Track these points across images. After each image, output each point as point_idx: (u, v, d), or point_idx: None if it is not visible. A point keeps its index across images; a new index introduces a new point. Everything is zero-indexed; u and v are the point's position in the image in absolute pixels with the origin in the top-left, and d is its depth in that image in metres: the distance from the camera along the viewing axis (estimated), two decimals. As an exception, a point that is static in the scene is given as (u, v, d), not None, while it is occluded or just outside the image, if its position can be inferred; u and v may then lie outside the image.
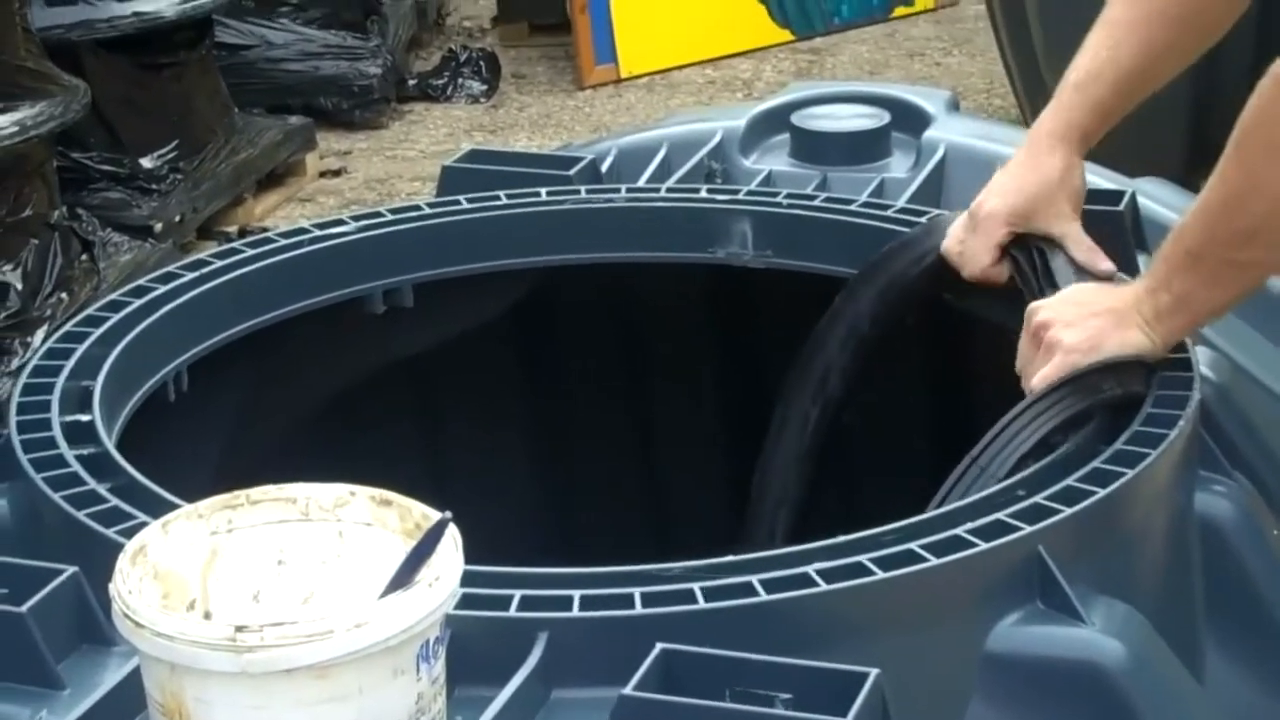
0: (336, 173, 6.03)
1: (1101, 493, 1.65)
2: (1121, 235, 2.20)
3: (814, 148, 2.48)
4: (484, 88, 6.69)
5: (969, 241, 2.10)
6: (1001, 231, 2.07)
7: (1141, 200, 2.26)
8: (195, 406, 2.10)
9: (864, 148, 2.50)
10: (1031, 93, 5.14)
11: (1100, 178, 2.42)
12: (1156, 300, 1.85)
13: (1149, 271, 1.90)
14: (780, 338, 2.34)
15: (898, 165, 2.48)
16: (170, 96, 5.32)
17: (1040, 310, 1.93)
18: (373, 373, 2.35)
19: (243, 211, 5.56)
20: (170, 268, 2.17)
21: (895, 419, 2.47)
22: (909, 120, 2.52)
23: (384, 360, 2.34)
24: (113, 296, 2.09)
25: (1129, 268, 2.12)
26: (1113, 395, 1.82)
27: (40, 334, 4.26)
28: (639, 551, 2.01)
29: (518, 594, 1.52)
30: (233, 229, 5.44)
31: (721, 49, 6.98)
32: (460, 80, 6.70)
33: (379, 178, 6.00)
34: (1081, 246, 2.06)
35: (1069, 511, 1.62)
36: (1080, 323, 1.88)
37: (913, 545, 1.57)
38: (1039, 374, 1.88)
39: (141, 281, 2.12)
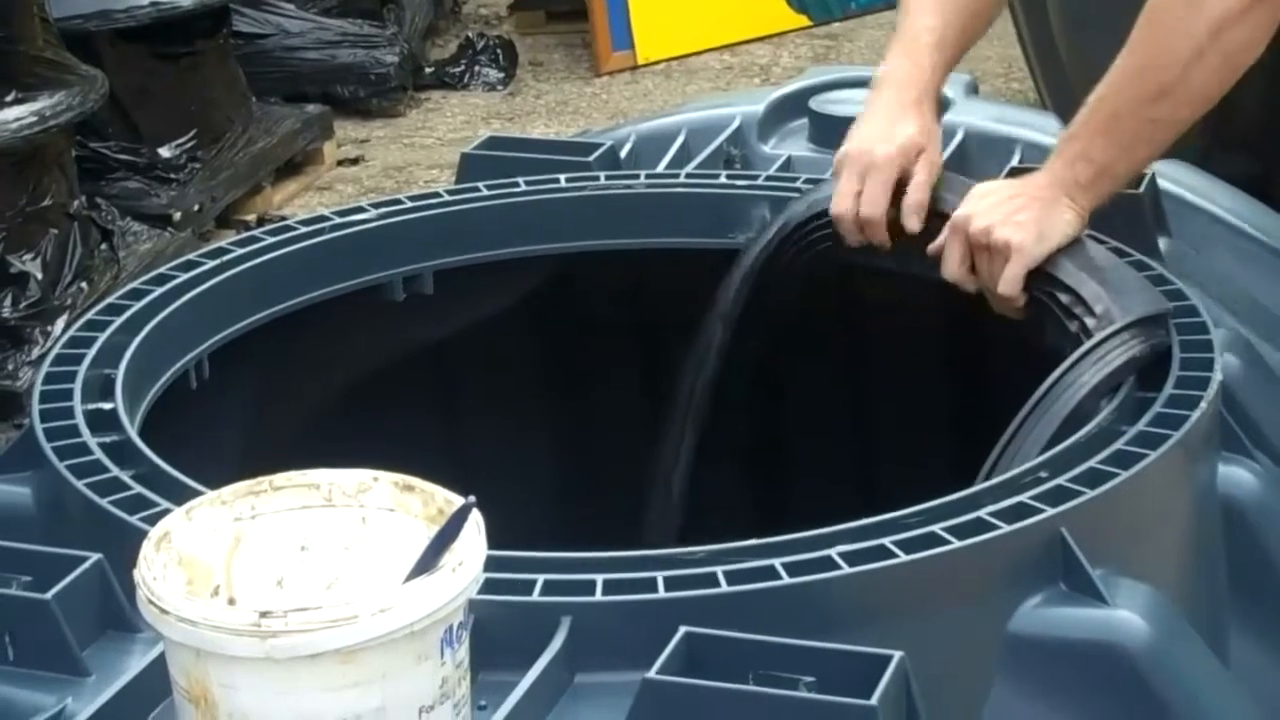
0: (354, 161, 6.03)
1: (1124, 475, 1.64)
2: (1141, 218, 2.20)
3: (833, 132, 2.47)
4: (501, 75, 6.68)
5: (864, 191, 2.13)
6: (894, 171, 2.13)
7: (1161, 183, 2.26)
8: (216, 394, 2.11)
9: (883, 132, 2.48)
10: (1049, 76, 5.13)
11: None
12: (1076, 172, 2.00)
13: (1056, 153, 2.03)
14: (809, 330, 2.35)
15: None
16: (188, 86, 5.33)
17: (972, 219, 2.02)
18: (393, 359, 2.35)
19: (261, 200, 5.57)
20: (190, 256, 2.17)
21: (913, 400, 2.48)
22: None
23: (404, 347, 2.34)
24: (134, 285, 2.09)
25: (1150, 251, 2.12)
26: (1161, 342, 1.85)
27: (60, 323, 4.26)
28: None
29: (541, 578, 1.52)
30: (251, 217, 5.44)
31: (739, 35, 6.97)
32: (477, 68, 6.70)
33: (397, 165, 6.00)
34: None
35: (1092, 493, 1.62)
36: (1015, 216, 1.99)
37: (935, 528, 1.57)
38: (1006, 276, 1.99)
39: (162, 270, 2.13)
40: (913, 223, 2.13)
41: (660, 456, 2.36)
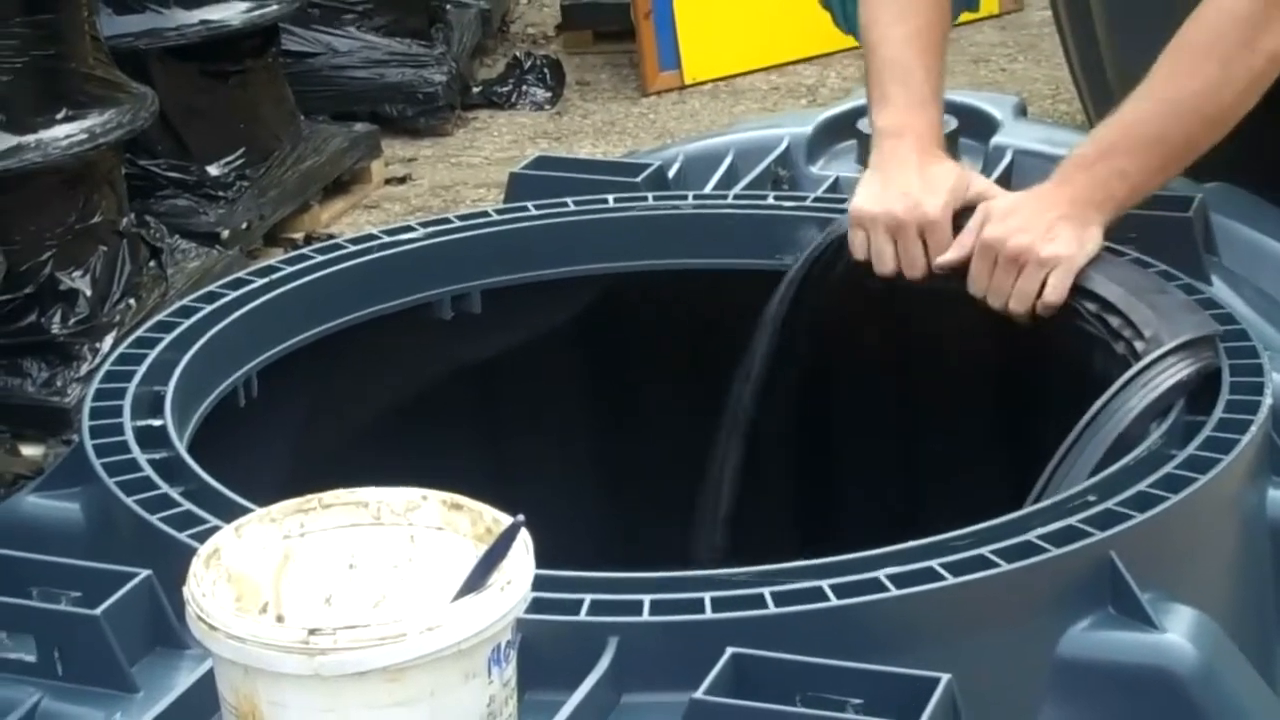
0: (402, 179, 6.04)
1: (1174, 498, 1.64)
2: (1190, 241, 2.19)
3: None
4: (548, 95, 6.69)
5: (922, 241, 2.12)
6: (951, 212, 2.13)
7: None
8: (265, 411, 2.11)
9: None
10: (1097, 98, 5.11)
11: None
12: (1111, 190, 2.03)
13: (1083, 167, 2.05)
14: (852, 339, 2.34)
15: (965, 170, 2.46)
16: (237, 104, 5.34)
17: (1007, 240, 2.03)
18: (440, 378, 2.35)
19: (309, 218, 5.58)
20: (240, 274, 2.18)
21: (960, 421, 2.47)
22: (976, 126, 2.51)
23: (452, 366, 2.35)
24: (183, 302, 2.10)
25: (1198, 273, 2.12)
26: (1210, 365, 1.85)
27: (109, 339, 4.28)
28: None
29: (588, 598, 1.52)
30: (299, 236, 5.46)
31: (785, 55, 6.97)
32: (524, 87, 6.71)
33: (444, 184, 6.01)
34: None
35: (1141, 517, 1.61)
36: (1051, 230, 2.02)
37: (984, 550, 1.56)
38: (1054, 284, 2.01)
39: (212, 287, 2.14)
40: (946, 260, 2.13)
41: (707, 473, 2.36)
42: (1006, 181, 2.39)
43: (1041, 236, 2.03)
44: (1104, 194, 2.05)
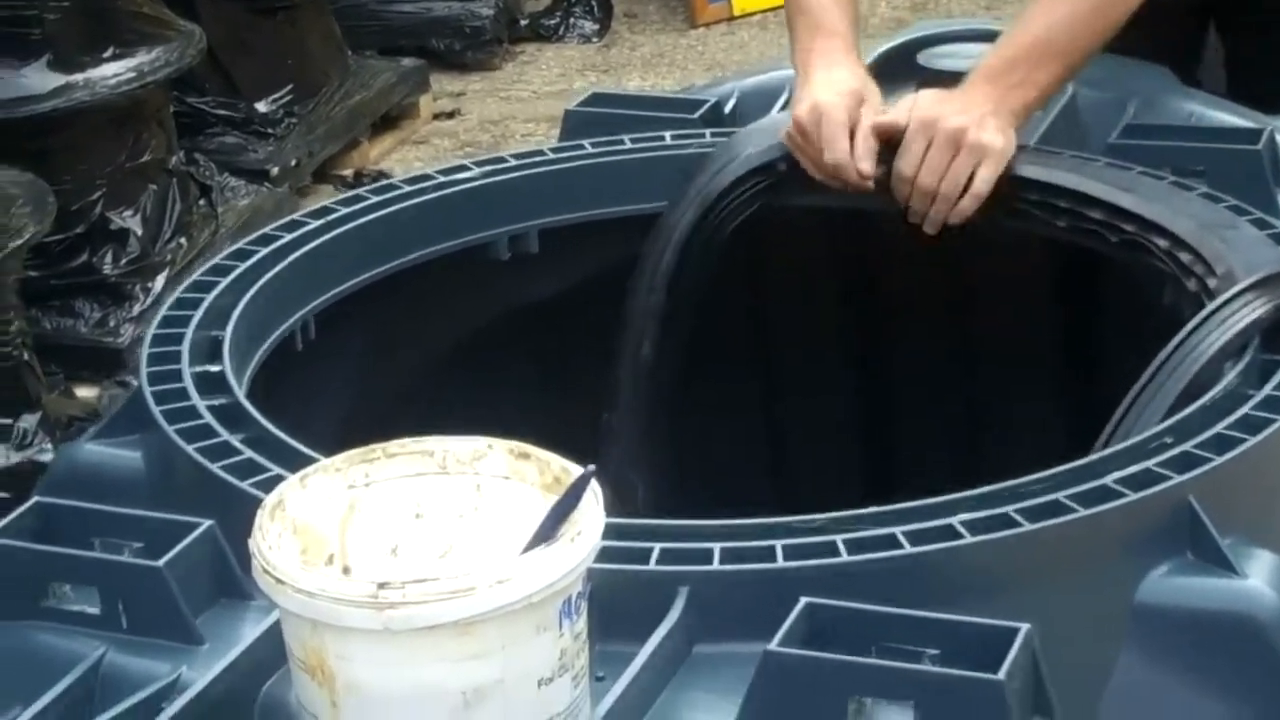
0: (450, 115, 6.01)
1: (1252, 440, 1.61)
2: (1260, 173, 2.16)
3: (943, 88, 2.43)
4: (596, 27, 6.65)
5: (817, 134, 2.15)
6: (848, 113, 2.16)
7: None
8: (323, 356, 2.10)
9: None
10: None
11: (1235, 115, 2.37)
12: (1024, 95, 2.11)
13: (992, 77, 2.12)
14: (912, 291, 2.32)
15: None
16: (284, 40, 5.32)
17: (942, 118, 2.09)
18: (498, 320, 2.33)
19: (358, 155, 5.56)
20: (295, 215, 2.16)
21: (1022, 364, 2.44)
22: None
23: (510, 307, 2.32)
24: (239, 245, 2.08)
25: (1270, 208, 2.08)
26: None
27: (160, 279, 4.27)
28: (764, 504, 1.99)
29: (657, 547, 1.50)
30: (348, 173, 5.44)
31: (835, -16, 6.90)
32: (572, 20, 6.67)
33: (493, 119, 5.98)
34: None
35: (1219, 460, 1.58)
36: (983, 121, 2.09)
37: (1059, 495, 1.53)
38: (983, 176, 2.07)
39: (267, 230, 2.12)
40: (866, 166, 2.14)
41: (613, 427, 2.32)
42: (1067, 121, 2.35)
43: (976, 123, 2.09)
44: (1019, 101, 2.12)
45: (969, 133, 2.09)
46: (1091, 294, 2.37)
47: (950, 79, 2.29)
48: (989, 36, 2.50)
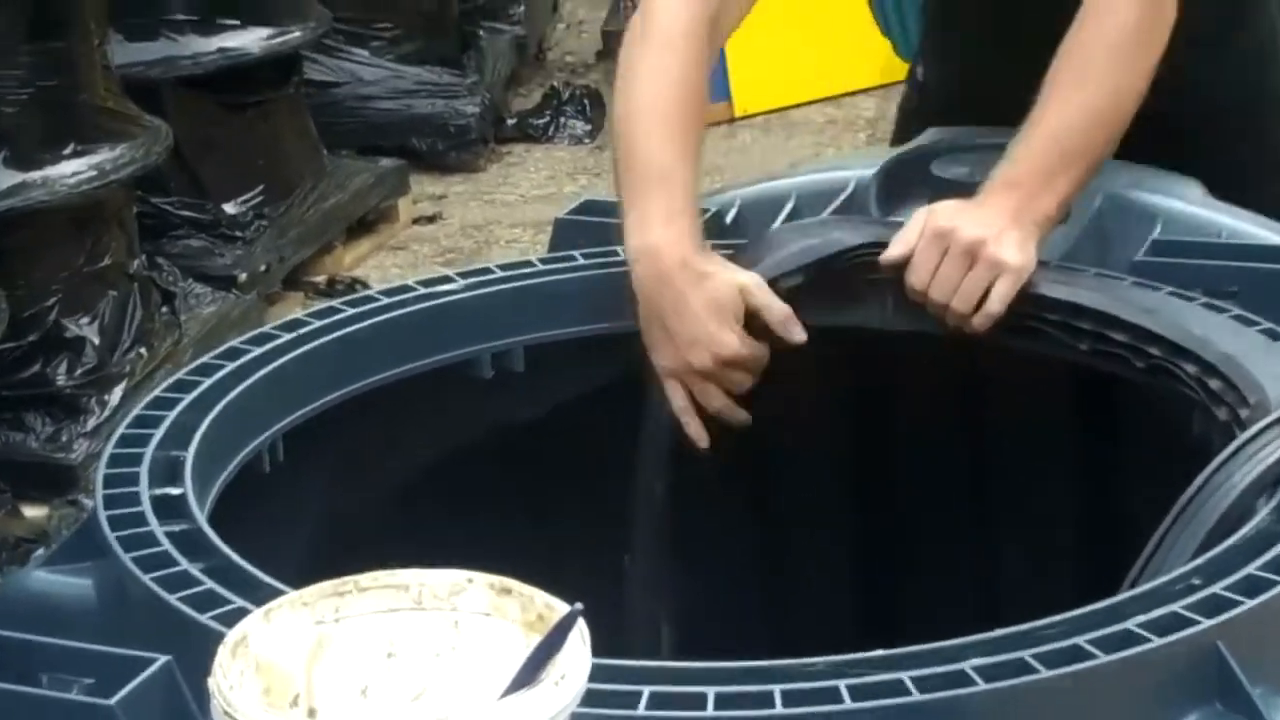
0: (431, 219, 6.05)
1: (1286, 583, 1.61)
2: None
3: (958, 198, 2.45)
4: (588, 127, 6.70)
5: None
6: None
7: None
8: (290, 479, 2.09)
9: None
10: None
11: (1271, 232, 2.39)
12: (1045, 205, 2.13)
13: (1010, 181, 2.14)
14: (922, 415, 2.32)
15: (1050, 218, 2.44)
16: (256, 138, 5.36)
17: (958, 229, 2.10)
18: (480, 443, 2.33)
19: (332, 260, 5.59)
20: (264, 328, 2.17)
21: (1039, 493, 2.44)
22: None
23: (493, 429, 2.32)
24: (203, 360, 2.09)
25: None
26: None
27: (118, 391, 4.29)
28: (760, 645, 1.98)
29: (646, 691, 1.49)
30: (321, 279, 5.47)
31: (842, 86, 6.95)
32: (563, 119, 6.72)
33: (476, 224, 6.01)
34: None
35: (1251, 603, 1.58)
36: (1001, 236, 2.10)
37: (1079, 640, 1.53)
38: (999, 293, 2.08)
39: (235, 343, 2.12)
40: (796, 334, 2.19)
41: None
42: (1095, 231, 2.36)
43: (994, 238, 2.10)
44: (1041, 212, 2.14)
45: (986, 246, 2.10)
46: (1114, 421, 2.38)
47: (965, 189, 2.31)
48: (995, 146, 2.52)
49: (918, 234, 2.15)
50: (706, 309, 2.17)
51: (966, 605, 2.45)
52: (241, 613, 1.43)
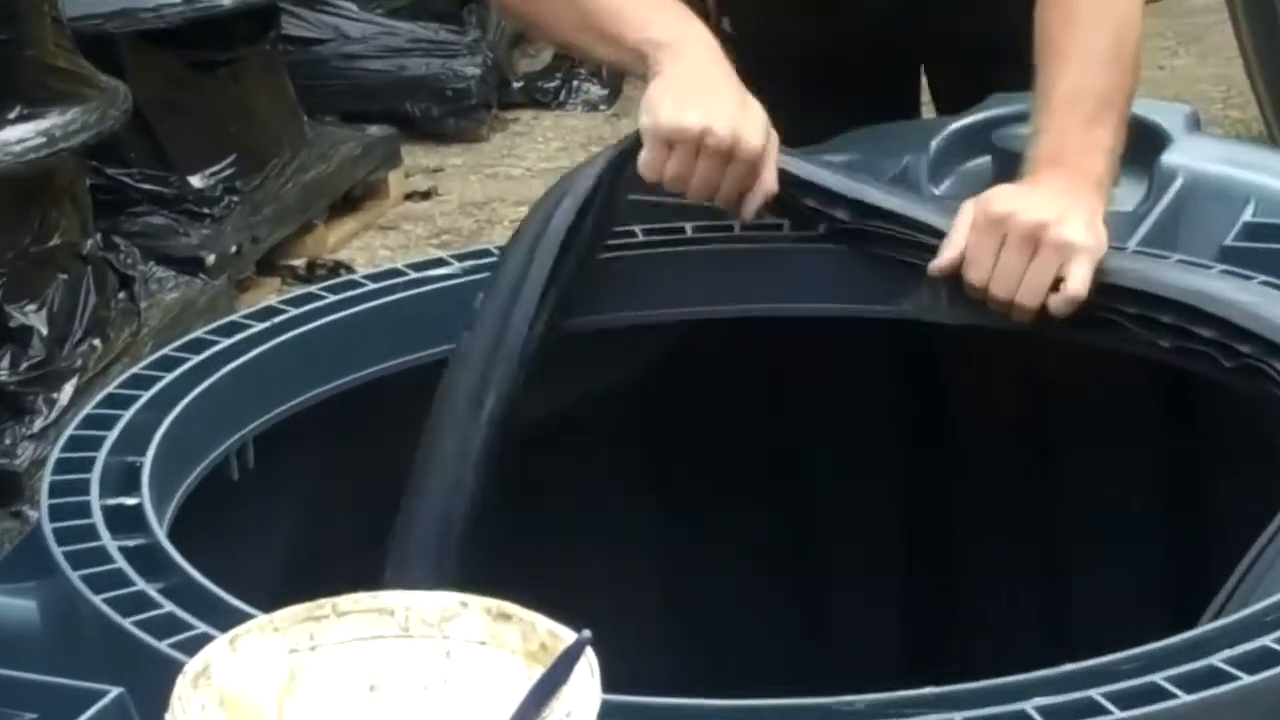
0: (425, 194, 6.06)
1: (1392, 613, 1.61)
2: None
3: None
4: (605, 92, 6.71)
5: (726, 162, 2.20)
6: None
7: None
8: (262, 487, 2.10)
9: (1084, 175, 2.46)
10: (1278, 100, 5.09)
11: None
12: (1096, 168, 2.19)
13: (1050, 158, 2.19)
14: (982, 414, 2.32)
15: (1125, 197, 2.44)
16: (227, 101, 5.38)
17: (1023, 212, 2.13)
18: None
19: (313, 241, 5.61)
20: (234, 316, 2.18)
21: (1111, 511, 2.45)
22: (1139, 141, 2.48)
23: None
24: (165, 351, 2.10)
25: None
26: None
27: (68, 388, 4.30)
28: (793, 676, 1.98)
29: (664, 732, 1.50)
30: (300, 263, 5.48)
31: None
32: (576, 83, 6.73)
33: (476, 201, 6.02)
34: None
35: (1352, 636, 1.58)
36: (1064, 216, 2.12)
37: (1156, 677, 1.53)
38: (1077, 276, 2.09)
39: (200, 333, 2.13)
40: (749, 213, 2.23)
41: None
42: (1177, 214, 2.37)
43: (1056, 220, 2.12)
44: (1093, 177, 2.19)
45: (1049, 229, 2.11)
46: (1200, 427, 2.38)
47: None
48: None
49: (967, 229, 2.16)
50: (741, 96, 2.22)
51: (1028, 626, 2.46)
52: (204, 639, 1.43)
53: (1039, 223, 2.12)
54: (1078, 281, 2.11)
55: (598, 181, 2.21)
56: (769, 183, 2.21)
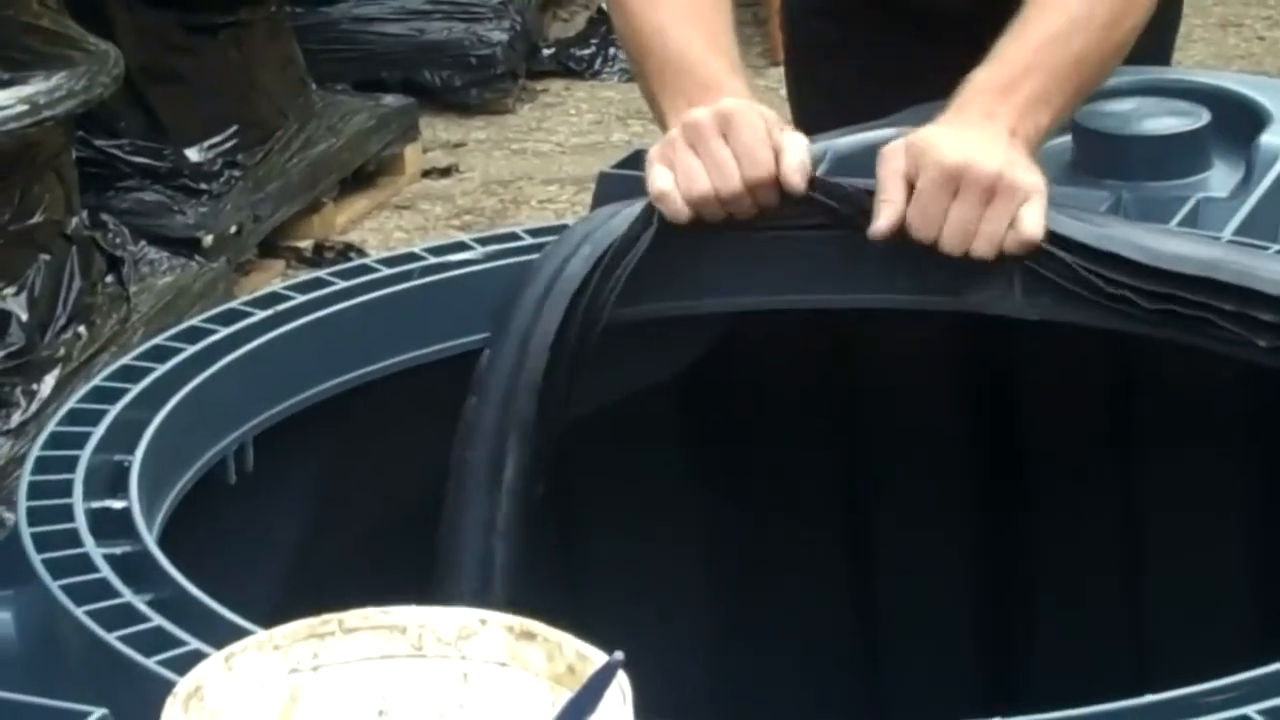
0: (445, 171, 6.07)
1: None
2: None
3: (1105, 156, 2.45)
4: (643, 61, 6.71)
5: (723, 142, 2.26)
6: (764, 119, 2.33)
7: None
8: (262, 491, 2.11)
9: (1174, 157, 2.47)
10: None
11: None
12: (1037, 119, 2.24)
13: (999, 95, 2.23)
14: (1055, 418, 2.31)
15: (1220, 182, 2.45)
16: (228, 67, 5.39)
17: (974, 162, 2.15)
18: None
19: (320, 221, 5.62)
20: (234, 303, 2.19)
21: (1191, 527, 2.45)
22: (1237, 120, 2.49)
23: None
24: (158, 341, 2.10)
25: None
26: None
27: (50, 379, 4.31)
28: (853, 705, 1.99)
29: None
30: (306, 245, 5.49)
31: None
32: (611, 50, 6.73)
33: (502, 179, 6.03)
34: None
35: None
36: (1010, 158, 2.17)
37: (1249, 710, 1.53)
38: (1031, 218, 2.14)
39: (196, 322, 2.14)
40: (798, 179, 2.24)
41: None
42: (1275, 199, 2.36)
43: (1008, 164, 2.16)
44: (1032, 125, 2.24)
45: (1004, 176, 2.15)
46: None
47: (1115, 145, 2.32)
48: (1168, 90, 2.54)
49: (901, 182, 2.19)
50: (751, 128, 2.28)
51: (1109, 659, 2.46)
52: (197, 657, 1.44)
53: (994, 172, 2.14)
54: (1034, 224, 2.14)
55: (628, 231, 2.23)
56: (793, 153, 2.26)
